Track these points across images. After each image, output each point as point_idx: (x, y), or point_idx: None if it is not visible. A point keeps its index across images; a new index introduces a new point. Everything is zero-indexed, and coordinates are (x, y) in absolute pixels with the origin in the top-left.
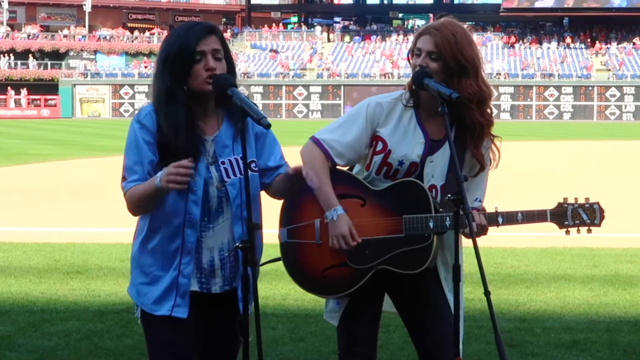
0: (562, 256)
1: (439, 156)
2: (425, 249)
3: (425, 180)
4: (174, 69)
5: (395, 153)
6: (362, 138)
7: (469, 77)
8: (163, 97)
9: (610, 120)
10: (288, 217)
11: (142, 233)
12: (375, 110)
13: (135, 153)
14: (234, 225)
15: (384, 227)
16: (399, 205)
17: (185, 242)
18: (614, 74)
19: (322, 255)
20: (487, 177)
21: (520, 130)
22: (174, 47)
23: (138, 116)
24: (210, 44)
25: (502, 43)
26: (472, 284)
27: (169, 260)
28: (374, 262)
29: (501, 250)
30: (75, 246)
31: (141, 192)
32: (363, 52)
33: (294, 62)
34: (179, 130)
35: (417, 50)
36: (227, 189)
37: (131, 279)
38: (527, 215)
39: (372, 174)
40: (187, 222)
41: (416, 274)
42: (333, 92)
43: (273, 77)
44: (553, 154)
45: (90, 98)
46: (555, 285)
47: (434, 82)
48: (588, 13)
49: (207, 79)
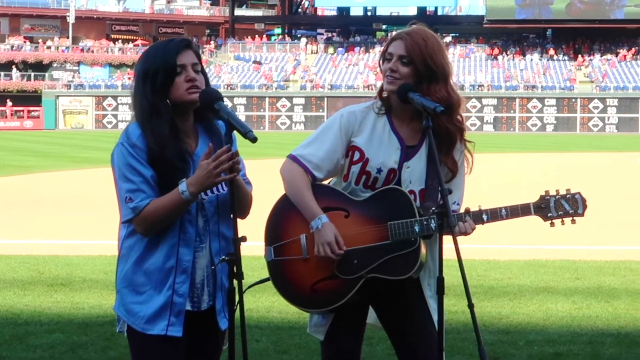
0: (544, 269)
1: (416, 161)
2: (413, 253)
3: (403, 186)
4: (156, 83)
5: (372, 161)
6: (337, 149)
7: (438, 82)
8: (147, 111)
9: (593, 132)
10: (273, 235)
11: (137, 252)
12: (348, 120)
13: (135, 173)
14: (212, 242)
15: (370, 235)
16: (383, 213)
17: (180, 261)
18: (597, 86)
19: (310, 270)
20: (463, 181)
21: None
22: (154, 62)
23: (128, 139)
24: (189, 58)
25: (486, 55)
26: (455, 297)
27: (162, 280)
28: (363, 271)
29: (484, 262)
30: (59, 258)
31: (167, 204)
32: (346, 64)
33: (278, 73)
34: (165, 142)
35: (388, 55)
36: (205, 207)
37: (118, 299)
38: (511, 210)
39: (351, 185)
40: (182, 242)
41: (401, 287)
42: (316, 103)
43: (256, 88)
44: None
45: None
46: (538, 297)
47: (418, 95)
48: (571, 25)
49: (189, 90)
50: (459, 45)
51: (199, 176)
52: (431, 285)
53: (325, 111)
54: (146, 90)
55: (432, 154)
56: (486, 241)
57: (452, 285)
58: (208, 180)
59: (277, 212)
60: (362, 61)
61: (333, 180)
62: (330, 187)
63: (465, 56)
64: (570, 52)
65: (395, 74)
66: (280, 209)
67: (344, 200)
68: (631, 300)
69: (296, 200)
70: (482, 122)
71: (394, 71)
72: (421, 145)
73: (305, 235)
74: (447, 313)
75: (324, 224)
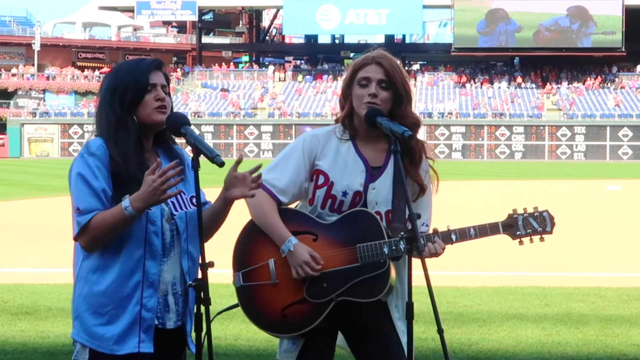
0: (514, 295)
1: (381, 182)
2: (382, 275)
3: (369, 207)
4: (124, 98)
5: (337, 185)
6: (301, 173)
7: (410, 103)
8: (113, 124)
9: (561, 159)
10: (241, 261)
11: (95, 272)
12: (311, 143)
13: (88, 185)
14: (182, 259)
15: (339, 258)
16: (351, 235)
17: (147, 275)
18: (565, 114)
19: (279, 295)
20: (431, 201)
21: (472, 170)
22: (125, 79)
23: (88, 149)
24: (159, 78)
25: (454, 82)
26: (424, 323)
27: (128, 296)
28: (333, 294)
29: (453, 289)
30: (23, 287)
31: (108, 219)
32: (314, 92)
33: (245, 101)
34: (128, 156)
35: (363, 81)
36: (176, 223)
37: (78, 325)
38: (479, 229)
39: (317, 209)
40: (148, 254)
41: (370, 312)
42: (284, 131)
43: (224, 116)
44: (504, 193)
45: (39, 137)
46: (508, 324)
47: (386, 120)
48: (538, 53)
49: (158, 109)
50: (427, 73)
51: (144, 192)
52: (399, 307)
53: (294, 138)
54: (114, 104)
55: (399, 176)
56: (455, 268)
57: (421, 311)
58: (153, 197)
59: (245, 238)
60: (330, 89)
61: (299, 205)
62: (297, 211)
63: (433, 84)
64: (538, 80)
65: (376, 99)
66: (247, 235)
67: (312, 223)
68: (601, 326)
69: (263, 224)
70: (451, 149)
71: (375, 96)
72: (386, 165)
73: (273, 260)
74: (417, 340)
75: (295, 245)
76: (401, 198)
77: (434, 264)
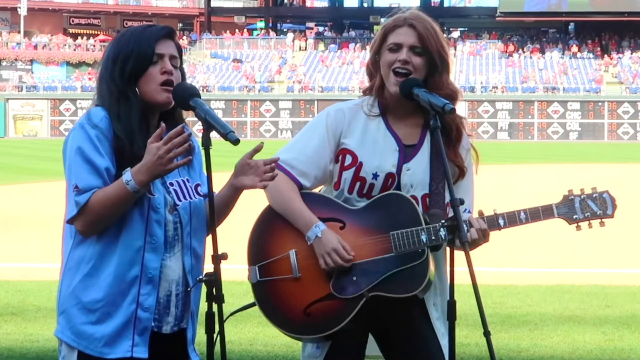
0: (570, 295)
1: (417, 163)
2: (419, 267)
3: (403, 191)
4: (126, 69)
5: (367, 165)
6: (324, 152)
7: (448, 73)
8: (115, 96)
9: (623, 140)
10: (257, 253)
11: (89, 263)
12: (336, 118)
13: (88, 162)
14: (184, 256)
15: (370, 248)
16: (384, 222)
17: (146, 270)
18: (627, 88)
19: (302, 291)
20: (473, 185)
21: (520, 152)
22: (128, 47)
23: (90, 120)
24: (168, 48)
25: (499, 52)
26: (466, 326)
27: (123, 292)
28: (363, 289)
29: (500, 288)
30: (9, 284)
31: (109, 197)
32: (340, 62)
33: (261, 73)
34: (133, 133)
35: (393, 46)
36: (180, 214)
37: (63, 321)
38: (530, 213)
39: (344, 193)
40: (149, 246)
41: (405, 310)
42: (305, 107)
43: (236, 90)
44: (557, 179)
45: (26, 115)
46: (563, 328)
47: (424, 91)
48: (597, 18)
49: (163, 87)
50: (469, 41)
51: (148, 162)
52: (438, 305)
53: None
54: (114, 74)
55: (438, 155)
56: (502, 263)
57: (462, 313)
58: (159, 166)
59: (261, 227)
60: (358, 59)
61: (323, 190)
62: (320, 195)
63: (476, 54)
64: (595, 49)
65: (408, 66)
66: (263, 223)
67: (338, 209)
68: None
69: (284, 209)
70: (496, 129)
71: (407, 62)
72: (421, 143)
73: (295, 251)
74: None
75: (323, 231)
76: (440, 180)
77: (477, 258)
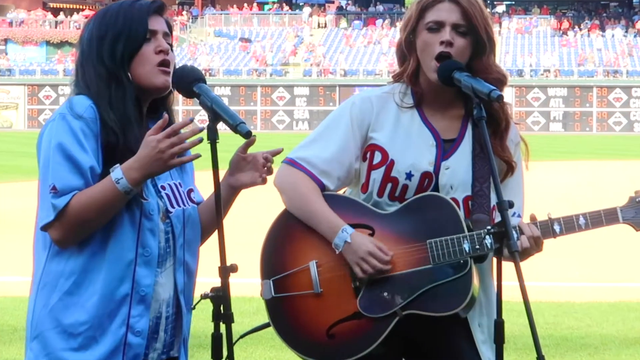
0: (636, 313)
1: (457, 160)
2: (462, 281)
3: (442, 193)
4: (117, 48)
5: (399, 163)
6: (349, 148)
7: (494, 54)
8: (104, 80)
9: None
10: (272, 265)
11: (69, 278)
12: (363, 109)
13: (70, 159)
14: (176, 273)
15: (404, 259)
16: (420, 228)
17: (137, 287)
18: None
19: (325, 309)
20: (523, 184)
21: (576, 146)
22: (117, 23)
23: (72, 109)
24: (161, 24)
25: (552, 30)
26: (515, 351)
27: (111, 314)
28: (396, 306)
29: (554, 305)
30: None
31: (95, 198)
32: (365, 42)
33: (273, 55)
34: (128, 123)
35: (433, 24)
36: (172, 223)
37: (37, 347)
38: (591, 218)
39: (373, 197)
40: (141, 259)
41: (445, 332)
42: (325, 95)
43: (244, 75)
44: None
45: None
46: (628, 352)
47: (466, 76)
48: None
49: (160, 67)
50: (516, 17)
51: (145, 156)
52: (484, 327)
53: (338, 105)
54: (102, 55)
55: (482, 151)
56: (556, 277)
57: (511, 335)
58: (156, 162)
59: (276, 234)
60: (386, 38)
61: (348, 191)
62: (345, 197)
63: (524, 31)
64: None
65: (451, 49)
66: (279, 230)
67: (367, 213)
68: None
69: (304, 213)
70: (548, 119)
71: (450, 44)
72: (462, 137)
73: (316, 262)
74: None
75: (353, 234)
76: (484, 180)
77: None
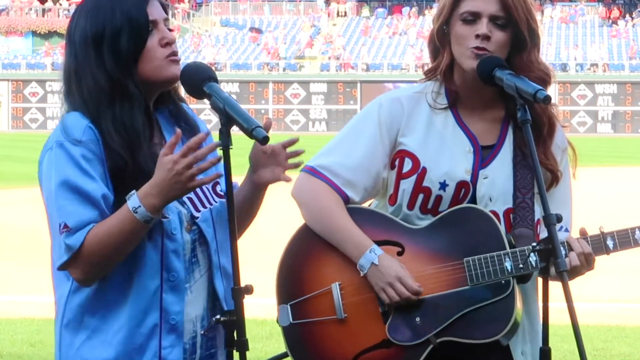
0: None
1: (496, 168)
2: (503, 304)
3: (480, 205)
4: (121, 48)
5: (432, 172)
6: (376, 154)
7: (538, 49)
8: (107, 93)
9: None
10: (290, 287)
11: (94, 315)
12: (391, 111)
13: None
14: (215, 280)
15: (437, 279)
16: (456, 245)
17: (166, 316)
18: None
19: (349, 336)
20: (571, 195)
21: (627, 150)
22: (114, 17)
23: (67, 133)
24: (159, 11)
25: (600, 19)
26: None
27: (140, 348)
28: (429, 333)
29: (604, 329)
30: None
31: (112, 232)
32: (390, 33)
33: (287, 47)
34: (137, 141)
35: (468, 15)
36: (200, 229)
37: None
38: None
39: (402, 209)
40: (167, 284)
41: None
42: (345, 92)
43: (255, 69)
44: None
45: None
46: None
47: (509, 74)
48: None
49: (169, 58)
50: (560, 5)
51: (162, 180)
52: (527, 354)
53: (359, 103)
54: (104, 60)
55: (525, 158)
56: (606, 298)
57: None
58: (175, 185)
59: (294, 252)
60: (414, 28)
61: (374, 204)
62: (371, 211)
63: (569, 21)
64: None
65: (488, 44)
66: (298, 247)
67: (395, 229)
68: None
69: (326, 229)
70: (596, 119)
71: (487, 38)
72: (502, 142)
73: (339, 284)
74: None
75: (380, 256)
76: (527, 190)
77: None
